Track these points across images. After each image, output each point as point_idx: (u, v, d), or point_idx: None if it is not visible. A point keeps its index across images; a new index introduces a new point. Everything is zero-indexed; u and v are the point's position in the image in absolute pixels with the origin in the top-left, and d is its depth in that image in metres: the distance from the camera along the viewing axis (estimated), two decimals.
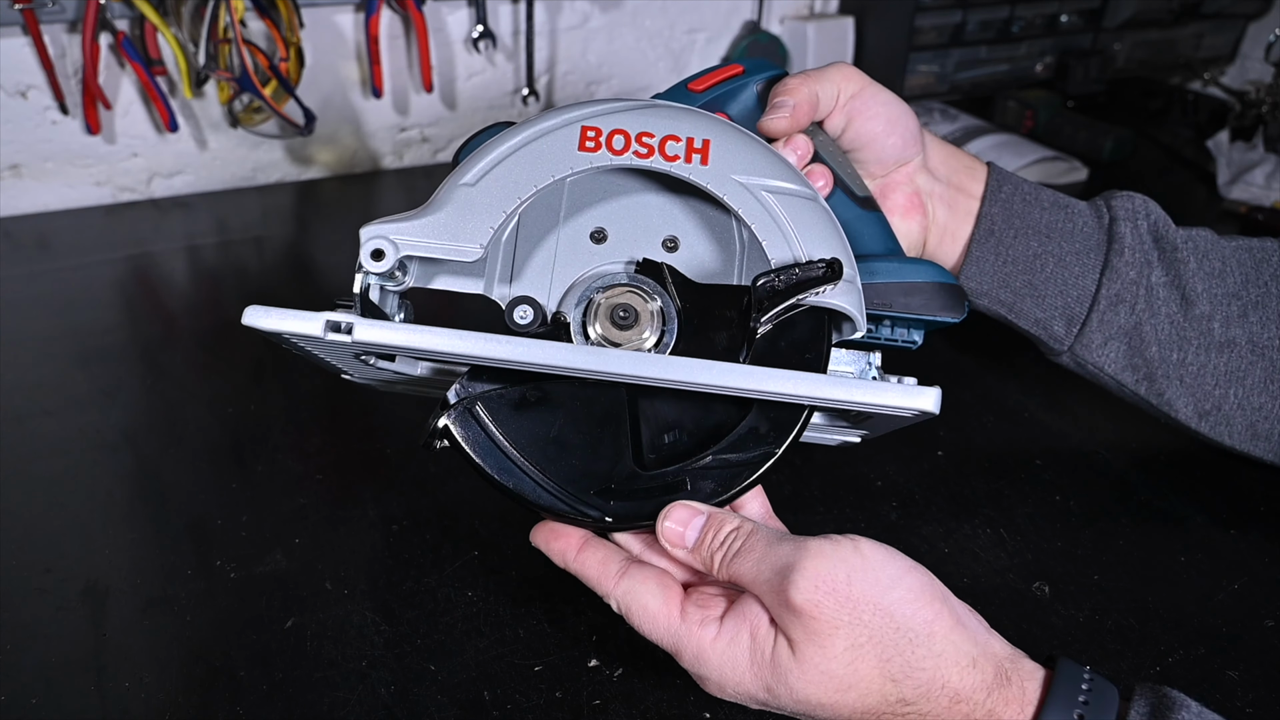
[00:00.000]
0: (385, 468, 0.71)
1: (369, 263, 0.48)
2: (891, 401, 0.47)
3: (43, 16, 0.99)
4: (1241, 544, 0.66)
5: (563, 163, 0.48)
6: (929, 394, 0.48)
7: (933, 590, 0.45)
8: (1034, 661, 0.45)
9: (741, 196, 0.48)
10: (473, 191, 0.48)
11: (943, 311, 0.55)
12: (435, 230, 0.48)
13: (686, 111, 0.49)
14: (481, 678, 0.55)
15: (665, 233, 0.54)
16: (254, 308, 0.45)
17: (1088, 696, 0.42)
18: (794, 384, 0.46)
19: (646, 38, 1.34)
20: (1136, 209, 0.64)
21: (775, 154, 0.49)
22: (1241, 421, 0.64)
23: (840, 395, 0.46)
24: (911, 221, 0.63)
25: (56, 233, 1.09)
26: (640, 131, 0.48)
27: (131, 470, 0.71)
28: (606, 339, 0.51)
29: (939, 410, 0.48)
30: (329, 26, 1.15)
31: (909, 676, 0.42)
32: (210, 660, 0.56)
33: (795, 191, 0.49)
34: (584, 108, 0.49)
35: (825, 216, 0.49)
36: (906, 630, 0.43)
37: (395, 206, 1.22)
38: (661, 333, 0.51)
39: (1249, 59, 1.59)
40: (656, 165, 0.48)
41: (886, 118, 0.59)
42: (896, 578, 0.44)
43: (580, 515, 0.49)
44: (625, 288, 0.51)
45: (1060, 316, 0.64)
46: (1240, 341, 0.63)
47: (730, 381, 0.46)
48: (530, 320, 0.51)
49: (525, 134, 0.48)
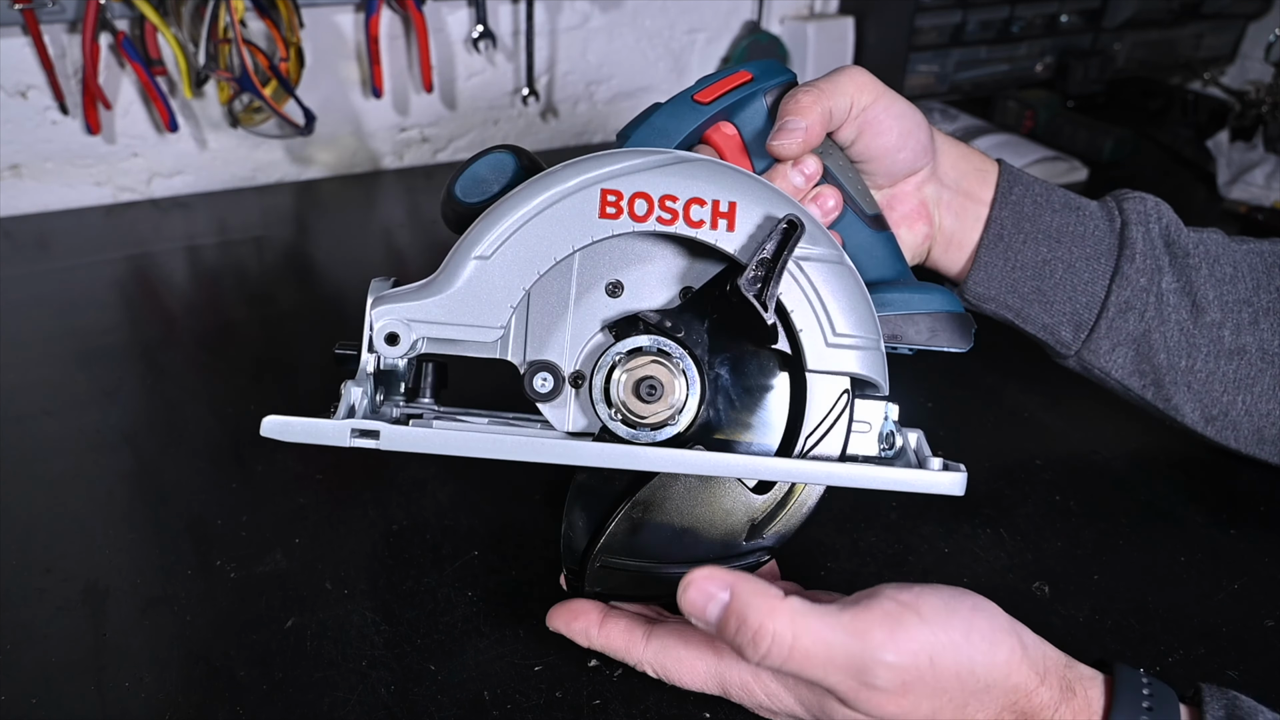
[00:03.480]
0: (385, 468, 0.71)
1: (383, 347, 0.47)
2: (920, 489, 0.48)
3: (43, 16, 0.99)
4: (1241, 544, 0.66)
5: (582, 231, 0.47)
6: (955, 480, 0.49)
7: (1000, 625, 0.43)
8: (1086, 665, 0.45)
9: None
10: (488, 265, 0.46)
11: (950, 343, 0.55)
12: (451, 310, 0.47)
13: (710, 168, 0.47)
14: (481, 678, 0.55)
15: (683, 283, 0.51)
16: (272, 420, 0.44)
17: (1150, 702, 0.42)
18: (825, 471, 0.48)
19: (646, 38, 1.34)
20: (1149, 212, 0.63)
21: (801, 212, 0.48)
22: (1248, 427, 0.64)
23: (870, 483, 0.48)
24: (917, 233, 0.62)
25: (56, 233, 1.09)
26: (663, 194, 0.47)
27: (131, 470, 0.71)
28: (631, 412, 0.50)
29: (964, 493, 0.49)
30: (329, 26, 1.15)
31: (984, 709, 0.42)
32: (210, 660, 0.56)
33: (823, 256, 0.48)
34: (601, 165, 0.47)
35: (852, 282, 0.49)
36: (987, 682, 0.42)
37: (395, 206, 1.23)
38: (685, 397, 0.50)
39: (1249, 59, 1.59)
40: (681, 231, 0.47)
41: (899, 131, 0.57)
42: (967, 631, 0.42)
43: (752, 557, 0.51)
44: (649, 357, 0.50)
45: (1068, 322, 0.63)
46: (1250, 349, 0.62)
47: (763, 473, 0.48)
48: (551, 389, 0.50)
49: (541, 198, 0.46)
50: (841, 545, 0.64)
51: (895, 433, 0.54)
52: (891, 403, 0.53)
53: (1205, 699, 0.43)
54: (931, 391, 0.80)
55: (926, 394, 0.78)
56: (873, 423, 0.53)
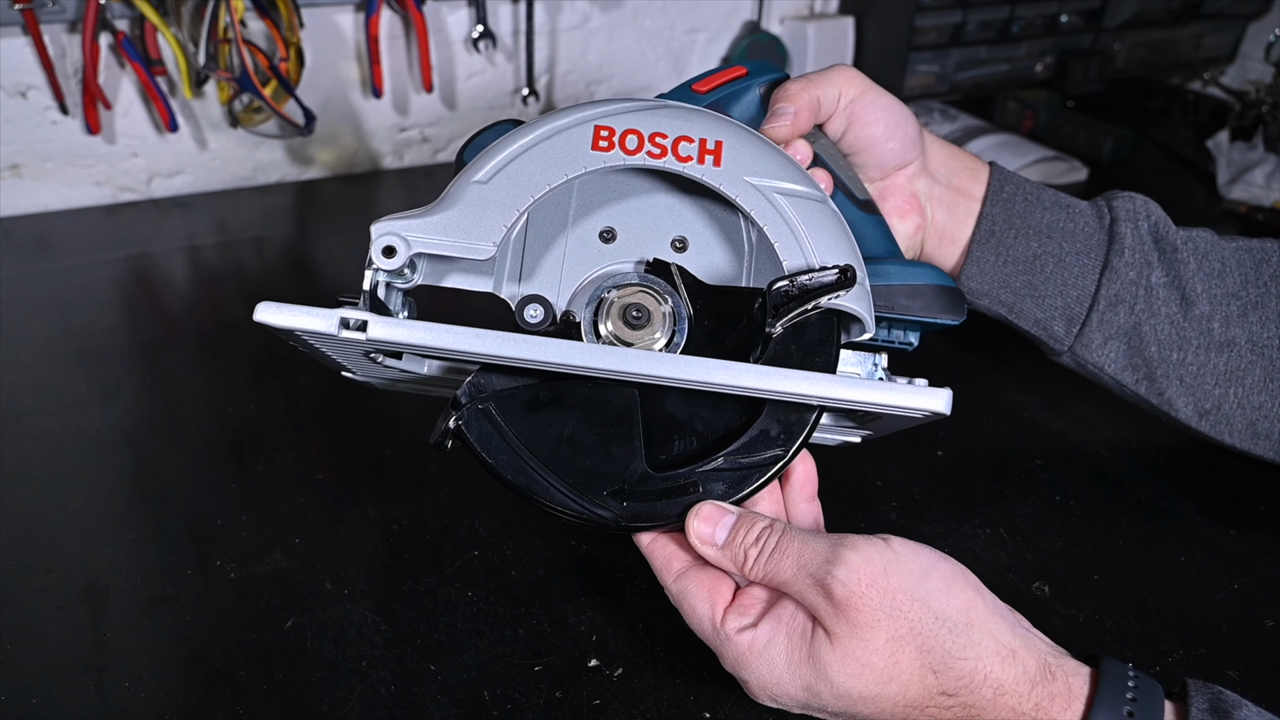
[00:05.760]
0: (385, 468, 0.71)
1: (380, 259, 0.48)
2: (905, 403, 0.47)
3: (43, 16, 0.99)
4: (1241, 544, 0.66)
5: (576, 161, 0.48)
6: (940, 395, 0.48)
7: (964, 579, 0.45)
8: (1076, 659, 0.45)
9: (754, 198, 0.48)
10: (485, 189, 0.48)
11: (942, 314, 0.55)
12: (448, 228, 0.48)
13: (699, 113, 0.49)
14: (481, 678, 0.55)
15: (674, 233, 0.53)
16: (266, 304, 0.45)
17: (1135, 694, 0.42)
18: (810, 385, 0.46)
19: (646, 38, 1.34)
20: (1137, 209, 0.64)
21: (786, 157, 0.49)
22: (1241, 420, 0.64)
23: (856, 396, 0.47)
24: (909, 224, 0.63)
25: (56, 233, 1.09)
26: (653, 132, 0.48)
27: (131, 470, 0.71)
28: (618, 338, 0.51)
29: (950, 411, 0.48)
30: (329, 26, 1.15)
31: (949, 668, 0.42)
32: (210, 660, 0.56)
33: (806, 194, 0.49)
34: (596, 107, 0.49)
35: (835, 219, 0.49)
36: (944, 619, 0.43)
37: (395, 206, 1.22)
38: (672, 333, 0.51)
39: (1249, 59, 1.59)
40: (669, 166, 0.48)
41: (886, 122, 0.59)
42: (928, 567, 0.45)
43: (593, 515, 0.49)
44: (637, 287, 0.51)
45: (1060, 317, 0.64)
46: (1240, 341, 0.63)
47: (746, 382, 0.46)
48: (541, 319, 0.51)
49: (538, 132, 0.48)
50: None
51: (885, 379, 0.54)
52: (880, 352, 0.53)
53: (1190, 693, 0.43)
54: None
55: None
56: (861, 372, 0.53)
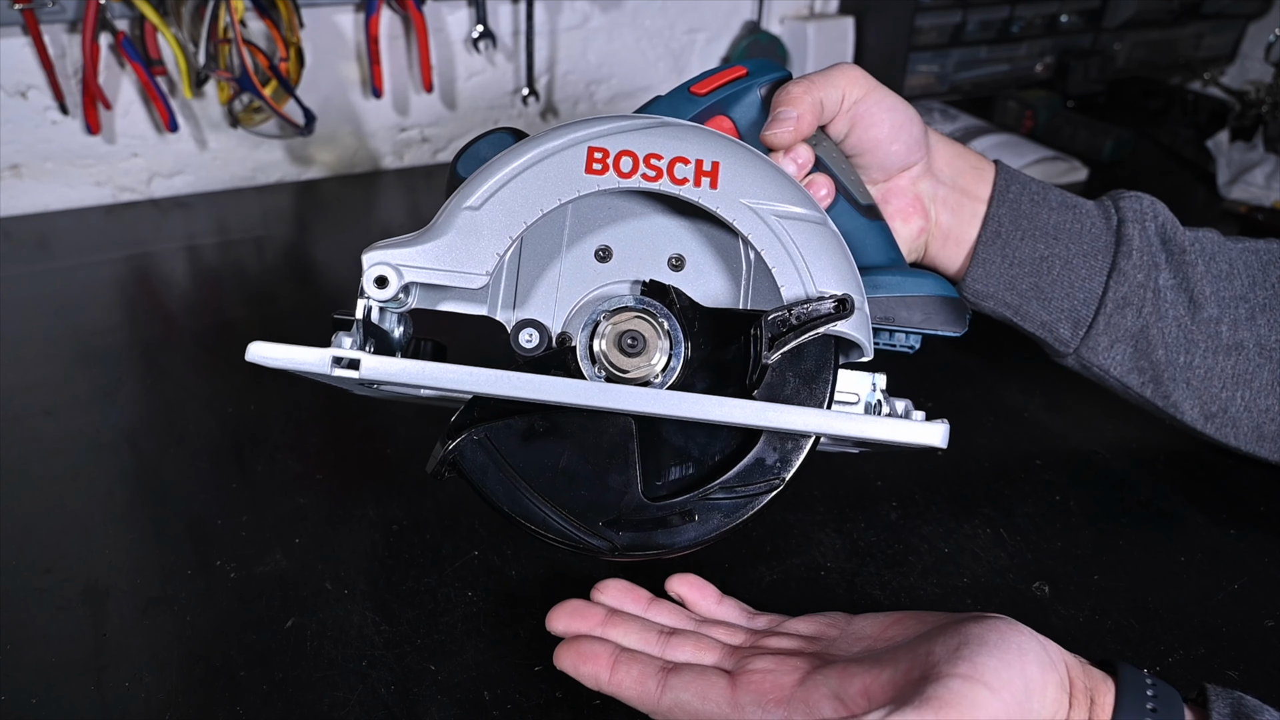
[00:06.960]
0: (385, 468, 0.71)
1: (372, 290, 0.47)
2: (901, 438, 0.47)
3: (43, 16, 0.99)
4: (1241, 544, 0.66)
5: (569, 185, 0.47)
6: (936, 430, 0.48)
7: (1046, 663, 0.42)
8: (1094, 667, 0.45)
9: (751, 222, 0.48)
10: (477, 215, 0.47)
11: (943, 326, 0.55)
12: (439, 256, 0.47)
13: (695, 131, 0.48)
14: (481, 678, 0.55)
15: (670, 252, 0.53)
16: (258, 344, 0.45)
17: (1155, 703, 0.42)
18: (806, 420, 0.46)
19: (646, 38, 1.34)
20: (1145, 210, 0.63)
21: (786, 176, 0.49)
22: (1248, 423, 0.64)
23: (853, 432, 0.47)
24: (912, 226, 0.62)
25: (56, 233, 1.09)
26: (648, 153, 0.47)
27: (131, 470, 0.71)
28: (614, 365, 0.50)
29: (947, 445, 0.48)
30: (329, 26, 1.15)
31: None
32: (210, 660, 0.56)
33: (805, 216, 0.48)
34: (590, 126, 0.48)
35: (835, 242, 0.49)
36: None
37: (395, 206, 1.23)
38: (669, 357, 0.50)
39: (1249, 59, 1.59)
40: (665, 188, 0.47)
41: (891, 124, 0.58)
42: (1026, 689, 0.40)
43: (589, 545, 0.49)
44: (634, 313, 0.51)
45: (1066, 319, 0.64)
46: (1248, 344, 0.63)
47: (741, 418, 0.46)
48: (536, 344, 0.50)
49: (530, 154, 0.47)
50: (841, 545, 0.64)
51: (883, 403, 0.54)
52: (879, 373, 0.53)
53: (1210, 698, 0.42)
54: (932, 391, 0.80)
55: (927, 394, 0.78)
56: (860, 393, 0.53)
